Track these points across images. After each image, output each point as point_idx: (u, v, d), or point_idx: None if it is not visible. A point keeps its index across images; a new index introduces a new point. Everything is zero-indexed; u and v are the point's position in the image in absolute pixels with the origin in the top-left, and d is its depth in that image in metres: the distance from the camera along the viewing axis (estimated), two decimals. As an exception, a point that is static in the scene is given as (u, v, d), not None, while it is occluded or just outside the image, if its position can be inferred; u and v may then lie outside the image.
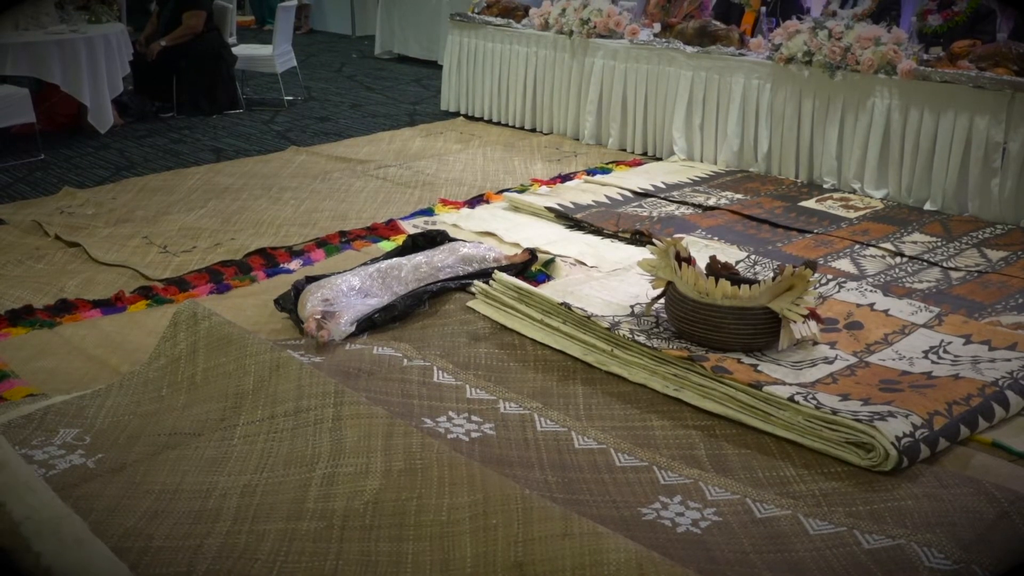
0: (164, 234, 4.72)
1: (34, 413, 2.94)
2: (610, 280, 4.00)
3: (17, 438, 2.79)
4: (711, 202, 5.19)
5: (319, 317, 3.47)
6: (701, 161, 6.10)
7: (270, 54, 8.07)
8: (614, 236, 4.66)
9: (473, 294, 3.78)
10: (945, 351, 3.34)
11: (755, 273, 4.04)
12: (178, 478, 2.62)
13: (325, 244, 4.60)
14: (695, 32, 6.20)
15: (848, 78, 5.37)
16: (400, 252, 4.22)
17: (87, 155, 6.51)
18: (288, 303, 3.67)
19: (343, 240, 4.66)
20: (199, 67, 7.73)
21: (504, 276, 3.75)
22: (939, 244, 4.57)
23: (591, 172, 5.93)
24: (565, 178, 5.81)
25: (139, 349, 3.43)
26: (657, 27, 6.57)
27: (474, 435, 2.85)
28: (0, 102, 6.11)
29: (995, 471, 2.68)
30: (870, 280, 4.08)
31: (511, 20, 7.22)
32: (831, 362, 3.25)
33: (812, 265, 3.33)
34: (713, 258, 3.56)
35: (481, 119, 7.43)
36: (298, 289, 3.70)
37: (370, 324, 3.56)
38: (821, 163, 5.58)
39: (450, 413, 2.97)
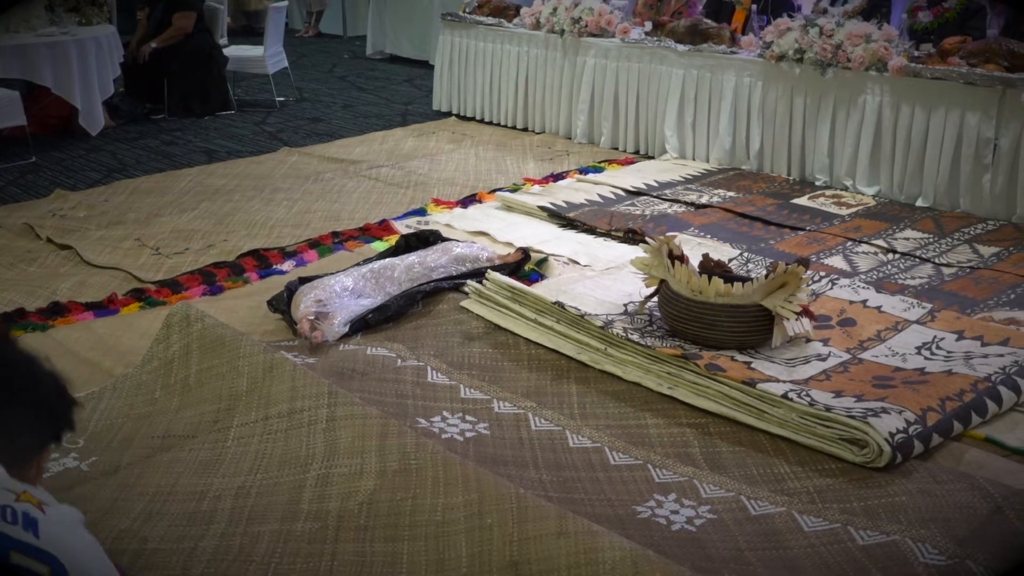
0: (156, 236, 4.71)
1: (27, 416, 2.93)
2: (603, 279, 4.00)
3: (10, 442, 2.78)
4: (703, 200, 5.19)
5: (312, 318, 3.46)
6: (693, 159, 6.09)
7: (261, 55, 8.04)
8: (607, 235, 4.66)
9: (466, 294, 3.78)
10: (938, 347, 3.35)
11: (748, 271, 4.05)
12: (172, 480, 2.61)
13: (318, 245, 4.59)
14: (686, 30, 6.20)
15: (839, 75, 5.37)
16: (393, 252, 4.22)
17: (78, 157, 6.49)
18: (281, 304, 3.67)
19: (336, 241, 4.65)
20: (190, 69, 7.70)
21: (497, 276, 3.74)
22: (931, 240, 4.58)
23: (583, 171, 5.92)
24: (557, 177, 5.80)
25: (132, 351, 3.42)
26: (648, 26, 6.57)
27: (468, 435, 2.85)
28: (-9, 105, 6.10)
29: (988, 466, 2.69)
30: (863, 277, 4.08)
31: (502, 20, 7.21)
32: (824, 359, 3.26)
33: (805, 262, 3.33)
34: (706, 256, 3.57)
35: (473, 119, 7.42)
36: (291, 290, 3.70)
37: (363, 324, 3.56)
38: (813, 160, 5.58)
39: (444, 413, 2.97)
